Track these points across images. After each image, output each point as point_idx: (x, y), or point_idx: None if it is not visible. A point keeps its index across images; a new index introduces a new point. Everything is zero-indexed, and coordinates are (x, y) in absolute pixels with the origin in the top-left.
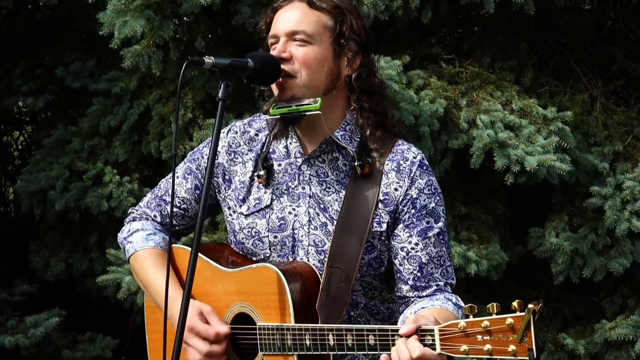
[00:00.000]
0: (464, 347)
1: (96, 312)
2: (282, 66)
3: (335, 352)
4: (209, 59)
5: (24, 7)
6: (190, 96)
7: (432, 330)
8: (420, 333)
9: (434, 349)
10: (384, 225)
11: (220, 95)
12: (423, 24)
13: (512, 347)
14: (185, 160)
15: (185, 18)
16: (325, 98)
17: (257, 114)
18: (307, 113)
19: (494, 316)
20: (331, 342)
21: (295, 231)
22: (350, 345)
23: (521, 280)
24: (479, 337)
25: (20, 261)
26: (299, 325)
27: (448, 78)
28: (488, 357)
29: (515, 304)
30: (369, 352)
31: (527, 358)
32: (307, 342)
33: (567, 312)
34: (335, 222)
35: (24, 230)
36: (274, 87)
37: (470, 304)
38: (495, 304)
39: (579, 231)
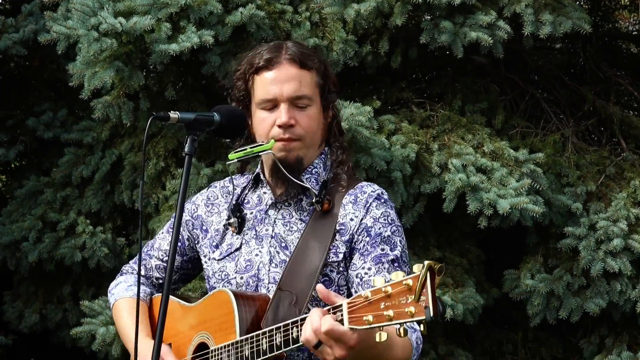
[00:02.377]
0: (369, 316)
1: None
2: (288, 133)
3: (267, 356)
4: (174, 114)
5: None
6: (162, 145)
7: (341, 306)
8: (332, 309)
9: (343, 324)
10: (340, 256)
11: (186, 149)
12: (393, 68)
13: (410, 309)
14: (172, 215)
15: (154, 68)
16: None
17: (238, 174)
18: (261, 154)
19: (394, 279)
20: (264, 346)
21: (259, 271)
22: (278, 344)
23: (497, 322)
24: (382, 304)
25: None
26: (239, 339)
27: (419, 122)
28: (392, 323)
29: (415, 266)
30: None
31: (424, 317)
32: (246, 352)
33: (545, 353)
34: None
35: None
36: (278, 145)
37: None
38: (421, 264)
39: (554, 272)
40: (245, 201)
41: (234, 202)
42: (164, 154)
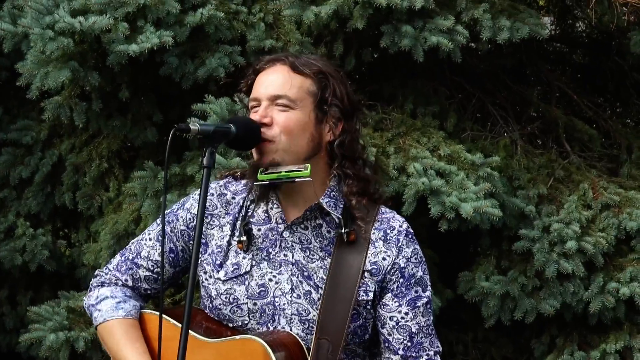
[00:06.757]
0: None
1: None
2: (263, 130)
3: None
4: (194, 126)
5: None
6: (105, 145)
7: None
8: None
9: None
10: (371, 294)
11: (205, 162)
12: (346, 70)
13: None
14: (157, 221)
15: (110, 68)
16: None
17: (229, 177)
18: (296, 180)
19: None
20: None
21: (277, 299)
22: None
23: (446, 323)
24: None
25: None
26: None
27: (373, 125)
28: None
29: None
30: None
31: None
32: None
33: (495, 353)
34: (320, 291)
35: None
36: (253, 151)
37: None
38: None
39: (508, 274)
40: (249, 214)
41: (240, 217)
42: (107, 155)
